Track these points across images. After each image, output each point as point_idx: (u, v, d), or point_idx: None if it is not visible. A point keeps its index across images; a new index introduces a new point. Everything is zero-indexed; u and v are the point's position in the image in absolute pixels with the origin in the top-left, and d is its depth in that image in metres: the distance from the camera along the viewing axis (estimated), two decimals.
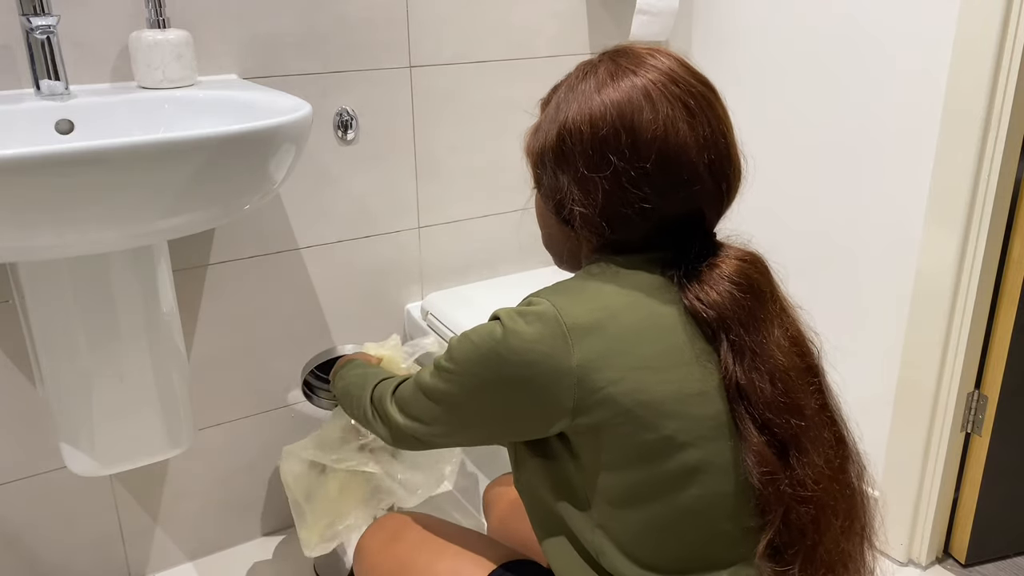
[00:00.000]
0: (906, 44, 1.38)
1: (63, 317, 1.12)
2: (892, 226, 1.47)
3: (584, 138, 0.79)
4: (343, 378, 1.08)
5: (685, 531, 0.79)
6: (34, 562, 1.44)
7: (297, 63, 1.42)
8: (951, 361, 1.45)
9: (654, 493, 0.78)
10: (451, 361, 0.85)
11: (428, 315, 1.59)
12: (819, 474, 0.80)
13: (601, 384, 0.76)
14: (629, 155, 0.78)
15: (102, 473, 1.23)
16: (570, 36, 1.69)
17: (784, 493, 0.78)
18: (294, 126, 1.07)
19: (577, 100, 0.81)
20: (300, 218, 1.50)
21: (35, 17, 1.13)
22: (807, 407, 0.81)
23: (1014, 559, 1.60)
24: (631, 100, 0.78)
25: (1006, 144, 1.31)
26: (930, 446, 1.50)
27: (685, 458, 0.78)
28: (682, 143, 0.78)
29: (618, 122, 0.78)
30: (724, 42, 1.70)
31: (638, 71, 0.80)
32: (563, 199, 0.83)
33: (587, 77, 0.82)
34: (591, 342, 0.77)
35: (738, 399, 0.79)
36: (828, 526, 0.80)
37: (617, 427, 0.77)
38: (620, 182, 0.79)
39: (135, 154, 0.93)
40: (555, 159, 0.82)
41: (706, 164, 0.79)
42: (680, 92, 0.79)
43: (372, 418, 0.98)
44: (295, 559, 1.60)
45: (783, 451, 0.79)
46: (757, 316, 0.80)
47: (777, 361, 0.80)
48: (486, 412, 0.83)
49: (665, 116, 0.78)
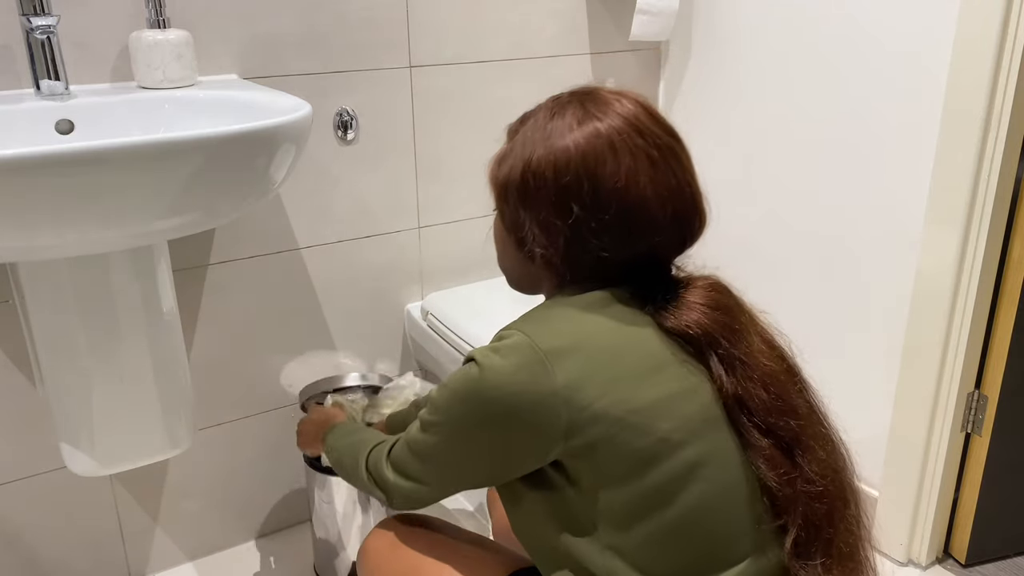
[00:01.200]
0: (906, 44, 1.38)
1: (63, 317, 1.12)
2: (892, 226, 1.47)
3: (548, 183, 0.81)
4: (334, 449, 1.07)
5: (695, 532, 0.79)
6: (34, 562, 1.44)
7: (297, 63, 1.42)
8: (951, 361, 1.45)
9: (660, 499, 0.79)
10: (434, 412, 0.85)
11: (428, 315, 1.59)
12: (824, 468, 0.82)
13: (588, 401, 0.77)
14: (590, 204, 0.79)
15: (102, 473, 1.23)
16: (570, 36, 1.69)
17: (800, 492, 0.80)
18: (294, 126, 1.07)
19: (543, 141, 0.82)
20: (300, 218, 1.50)
21: (35, 17, 1.13)
22: (800, 406, 0.83)
23: (1014, 559, 1.60)
24: (595, 150, 0.80)
25: (1006, 144, 1.31)
26: (930, 446, 1.50)
27: (684, 456, 0.78)
28: (643, 195, 0.80)
29: (581, 171, 0.79)
30: (724, 42, 1.70)
31: (603, 119, 0.81)
32: (525, 236, 0.85)
33: (555, 118, 0.83)
34: (570, 363, 0.77)
35: (738, 410, 0.81)
36: (841, 518, 0.82)
37: (612, 440, 0.77)
38: (580, 230, 0.81)
39: (135, 154, 0.93)
40: (519, 196, 0.84)
41: (668, 215, 0.81)
42: (644, 144, 0.80)
43: (371, 485, 0.97)
44: (295, 559, 1.60)
45: (790, 452, 0.81)
46: (736, 329, 0.82)
47: (765, 367, 0.82)
48: (481, 455, 0.83)
49: (627, 168, 0.79)
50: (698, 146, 1.79)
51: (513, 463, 0.82)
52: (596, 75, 1.75)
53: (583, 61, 1.72)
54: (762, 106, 1.64)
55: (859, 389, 1.59)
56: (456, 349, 1.49)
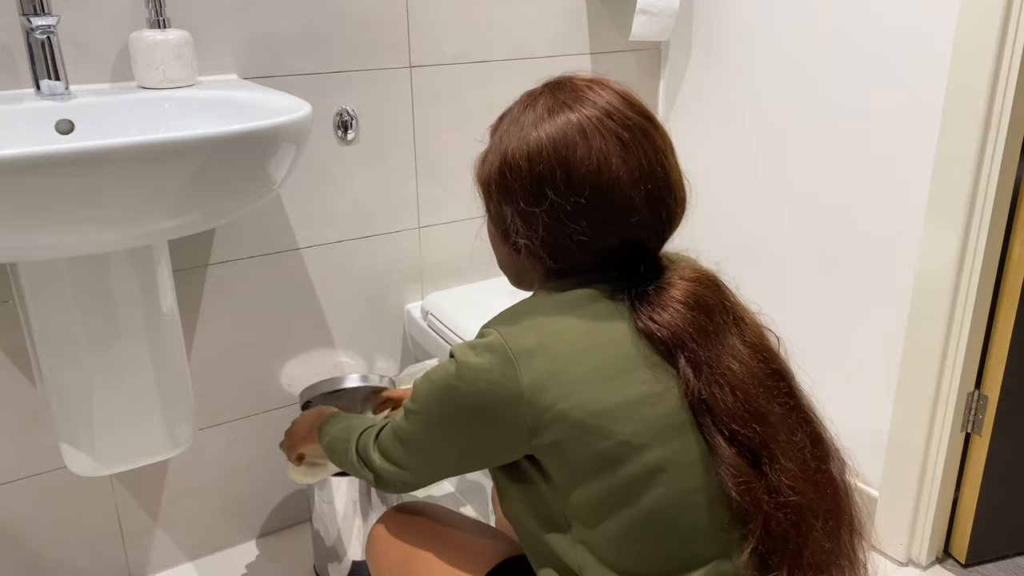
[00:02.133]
0: (906, 42, 1.38)
1: (63, 317, 1.12)
2: (892, 225, 1.47)
3: (523, 173, 0.82)
4: (327, 434, 1.10)
5: (659, 533, 0.80)
6: (34, 562, 1.44)
7: (297, 63, 1.42)
8: (951, 361, 1.45)
9: (622, 499, 0.79)
10: (415, 402, 0.88)
11: (428, 315, 1.59)
12: (793, 478, 0.80)
13: (550, 402, 0.78)
14: (565, 190, 0.81)
15: (102, 473, 1.23)
16: (570, 36, 1.69)
17: (761, 501, 0.79)
18: (294, 126, 1.07)
19: (517, 134, 0.84)
20: (300, 218, 1.50)
21: (35, 17, 1.13)
22: (772, 413, 0.82)
23: (1014, 559, 1.60)
24: (566, 136, 0.81)
25: (1006, 143, 1.31)
26: (930, 446, 1.50)
27: (645, 459, 0.79)
28: (615, 177, 0.80)
29: (553, 158, 0.81)
30: (724, 42, 1.70)
31: (574, 106, 0.83)
32: (508, 229, 0.86)
33: (527, 110, 0.85)
34: (536, 363, 0.79)
35: (703, 413, 0.81)
36: (811, 528, 0.81)
37: (574, 440, 0.78)
38: (558, 216, 0.82)
39: (135, 154, 0.93)
40: (499, 191, 0.86)
41: (643, 196, 0.81)
42: (614, 126, 0.81)
43: (359, 467, 1.00)
44: (295, 559, 1.60)
45: (755, 460, 0.80)
46: (709, 331, 0.82)
47: (735, 372, 0.81)
48: (454, 445, 0.86)
49: (598, 151, 0.80)
50: (698, 145, 1.80)
51: (486, 455, 0.85)
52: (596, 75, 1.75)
53: (583, 61, 1.72)
54: (762, 105, 1.64)
55: (859, 389, 1.59)
56: None
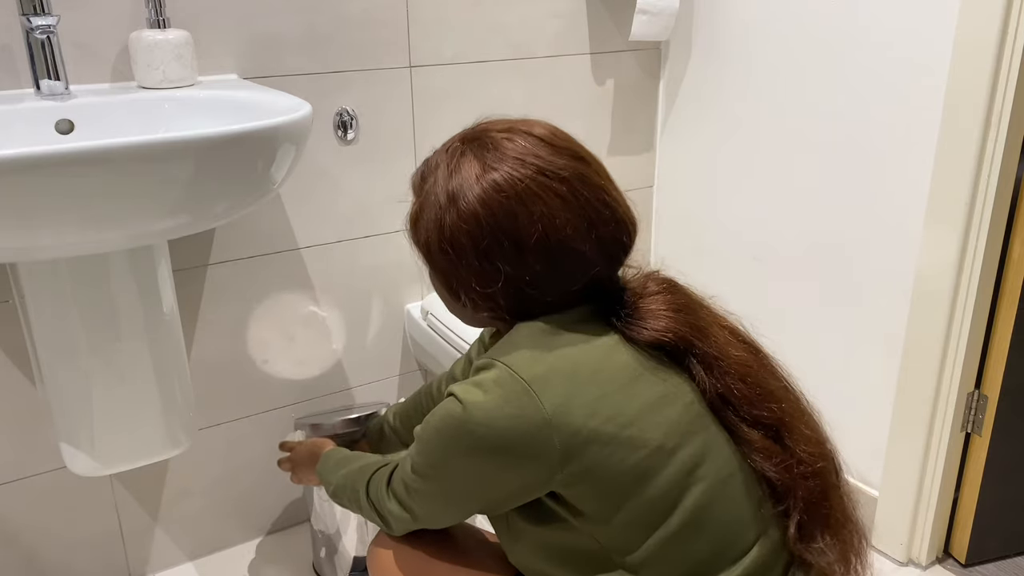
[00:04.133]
0: (906, 43, 1.38)
1: (63, 317, 1.12)
2: (892, 225, 1.47)
3: (468, 251, 0.80)
4: (328, 482, 1.07)
5: (704, 530, 0.80)
6: (34, 562, 1.44)
7: (297, 63, 1.42)
8: (951, 361, 1.45)
9: (666, 506, 0.79)
10: (421, 454, 0.84)
11: (428, 315, 1.59)
12: (810, 443, 0.83)
13: (580, 423, 0.76)
14: (516, 261, 0.79)
15: (102, 473, 1.23)
16: (570, 36, 1.69)
17: (797, 476, 0.81)
18: (294, 126, 1.07)
19: (451, 207, 0.80)
20: (300, 218, 1.50)
21: (35, 17, 1.13)
22: (776, 388, 0.84)
23: (1014, 559, 1.60)
24: (502, 206, 0.78)
25: (1006, 143, 1.31)
26: (930, 446, 1.50)
27: (680, 459, 0.79)
28: (564, 236, 0.78)
29: (497, 232, 0.78)
30: (724, 42, 1.70)
31: (500, 167, 0.79)
32: (456, 290, 0.84)
33: (453, 175, 0.82)
34: (553, 388, 0.77)
35: (723, 407, 0.81)
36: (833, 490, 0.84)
37: (608, 459, 0.77)
38: (515, 284, 0.80)
39: (135, 154, 0.93)
40: (445, 263, 0.83)
41: (594, 243, 0.80)
42: (548, 182, 0.78)
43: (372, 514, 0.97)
44: (295, 559, 1.60)
45: (779, 438, 0.82)
46: (702, 327, 0.83)
47: (736, 358, 0.82)
48: (472, 490, 0.82)
49: (540, 215, 0.78)
50: (697, 146, 1.80)
51: (509, 496, 0.82)
52: (596, 75, 1.75)
53: (583, 61, 1.72)
54: (762, 105, 1.64)
55: (859, 389, 1.59)
56: (456, 349, 1.49)
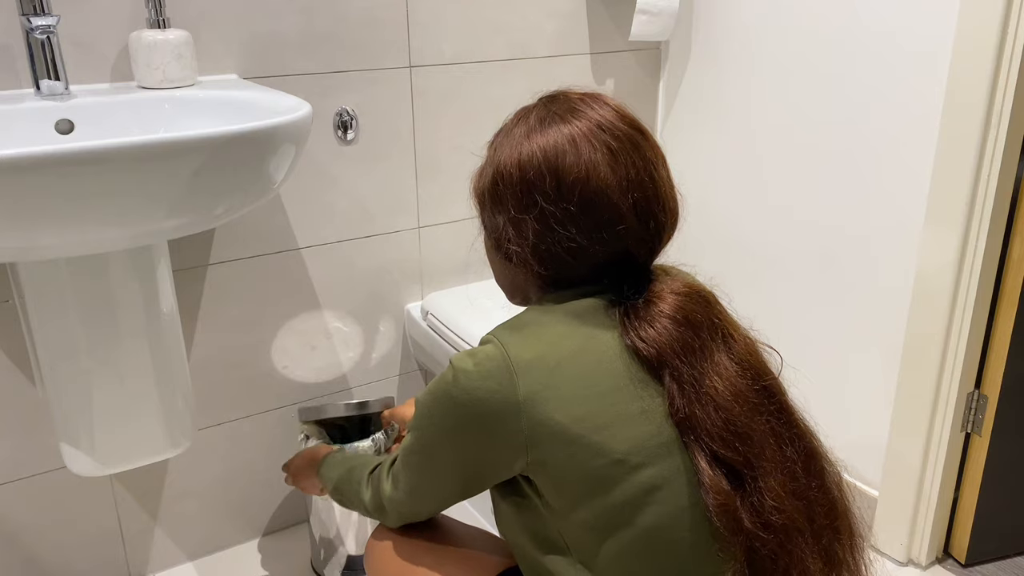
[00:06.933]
0: (906, 42, 1.38)
1: (63, 317, 1.12)
2: (892, 225, 1.47)
3: (514, 181, 0.84)
4: (330, 479, 1.10)
5: (658, 550, 0.79)
6: (34, 562, 1.44)
7: (297, 63, 1.42)
8: (951, 361, 1.45)
9: (620, 519, 0.79)
10: (416, 416, 0.88)
11: (428, 315, 1.59)
12: (778, 497, 0.79)
13: (548, 414, 0.78)
14: (554, 197, 0.82)
15: (102, 473, 1.23)
16: (570, 36, 1.69)
17: (742, 521, 0.78)
18: (294, 126, 1.07)
19: (510, 145, 0.86)
20: (300, 218, 1.50)
21: (35, 17, 1.13)
22: (756, 431, 0.80)
23: (1014, 559, 1.60)
24: (556, 145, 0.83)
25: (1006, 143, 1.31)
26: (930, 446, 1.50)
27: (640, 479, 0.78)
28: (604, 185, 0.82)
29: (543, 166, 0.82)
30: (724, 42, 1.70)
31: (566, 117, 0.84)
32: (500, 238, 0.88)
33: (520, 123, 0.87)
34: (534, 375, 0.79)
35: (687, 430, 0.80)
36: (799, 549, 0.79)
37: (568, 459, 0.78)
38: (548, 222, 0.83)
39: (135, 154, 0.93)
40: (491, 200, 0.87)
41: (631, 205, 0.83)
42: (604, 136, 0.83)
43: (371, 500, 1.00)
44: (295, 559, 1.60)
45: (738, 479, 0.79)
46: (695, 347, 0.81)
47: (719, 390, 0.80)
48: (453, 460, 0.86)
49: (587, 160, 0.82)
50: (697, 146, 1.80)
51: (485, 471, 0.85)
52: (596, 75, 1.75)
53: (583, 61, 1.72)
54: (762, 106, 1.64)
55: (859, 389, 1.59)
56: (456, 349, 1.49)
